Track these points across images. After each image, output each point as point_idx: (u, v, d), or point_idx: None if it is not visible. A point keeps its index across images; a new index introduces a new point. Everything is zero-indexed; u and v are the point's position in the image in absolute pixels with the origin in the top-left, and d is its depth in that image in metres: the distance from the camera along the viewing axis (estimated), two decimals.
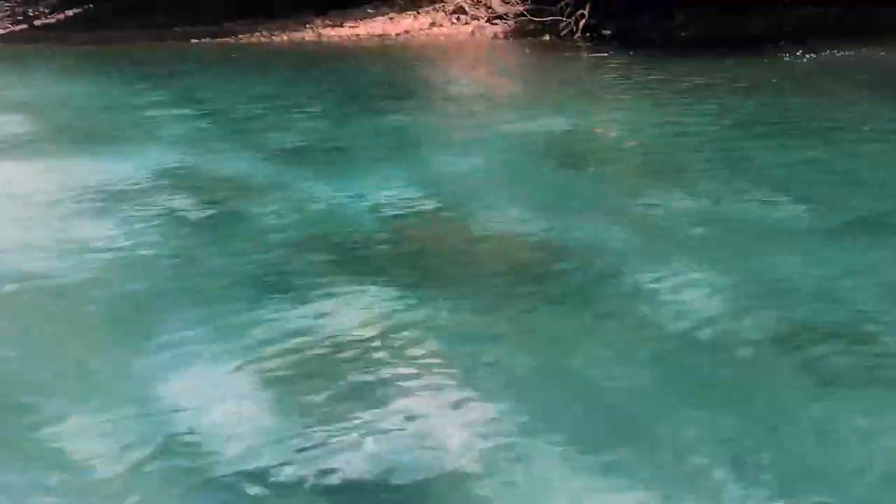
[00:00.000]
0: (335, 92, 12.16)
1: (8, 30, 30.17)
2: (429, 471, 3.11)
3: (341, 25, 22.63)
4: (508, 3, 21.22)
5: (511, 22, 20.29)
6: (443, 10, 22.44)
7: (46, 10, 30.93)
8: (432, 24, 21.61)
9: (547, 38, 18.26)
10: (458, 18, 21.76)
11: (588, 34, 17.56)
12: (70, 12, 29.99)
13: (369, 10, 23.21)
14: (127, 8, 26.86)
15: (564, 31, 17.99)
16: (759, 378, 3.74)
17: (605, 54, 14.30)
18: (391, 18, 22.88)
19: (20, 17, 31.15)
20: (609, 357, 3.93)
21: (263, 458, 3.21)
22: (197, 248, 5.54)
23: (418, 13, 22.67)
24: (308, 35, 22.32)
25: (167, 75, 15.14)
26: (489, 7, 21.51)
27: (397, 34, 21.37)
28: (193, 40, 22.86)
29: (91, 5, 29.32)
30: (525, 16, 19.72)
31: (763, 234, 5.37)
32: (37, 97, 13.26)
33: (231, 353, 3.99)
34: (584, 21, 18.01)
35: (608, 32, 17.43)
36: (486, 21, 20.85)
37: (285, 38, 22.45)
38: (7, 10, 31.38)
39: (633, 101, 10.16)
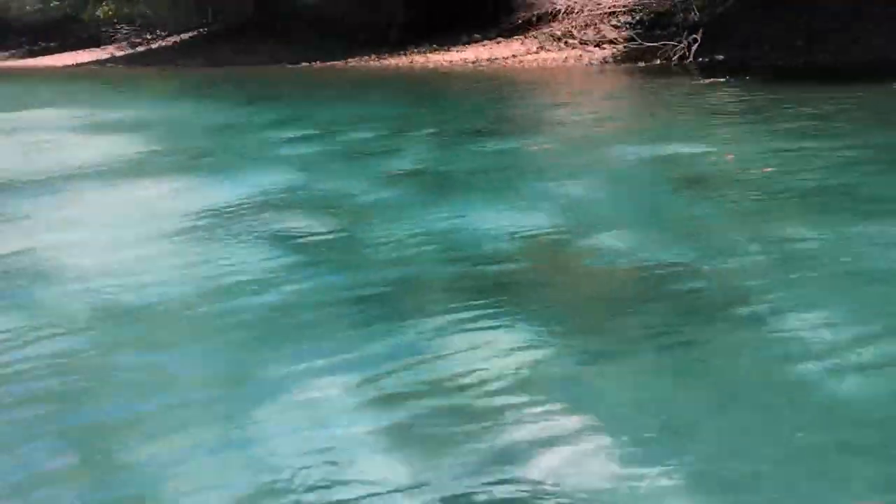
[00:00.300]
0: (445, 115, 12.15)
1: (126, 52, 31.42)
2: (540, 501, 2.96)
3: (447, 50, 22.76)
4: (617, 27, 20.98)
5: (619, 46, 20.05)
6: (550, 35, 22.33)
7: (162, 35, 32.14)
8: (539, 49, 21.51)
9: (657, 62, 17.96)
10: (565, 43, 21.62)
11: (700, 59, 17.20)
12: (185, 36, 31.08)
13: (476, 35, 23.28)
14: (236, 35, 27.70)
15: (675, 57, 17.67)
16: (886, 422, 3.46)
17: (721, 80, 13.92)
18: (498, 43, 22.89)
19: (138, 41, 32.41)
20: (727, 392, 3.70)
21: (377, 486, 3.09)
22: (311, 269, 5.48)
23: (525, 37, 22.62)
24: (415, 59, 22.52)
25: (275, 98, 15.43)
26: (597, 31, 21.30)
27: (504, 58, 21.35)
28: (303, 64, 23.37)
29: (203, 31, 30.33)
30: (634, 40, 19.46)
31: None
32: (153, 117, 13.67)
33: (344, 378, 3.88)
34: (693, 46, 17.65)
35: (721, 58, 17.03)
36: (594, 46, 20.65)
37: (391, 62, 22.71)
38: (126, 34, 32.71)
39: (751, 127, 9.84)
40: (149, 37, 32.20)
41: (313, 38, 24.89)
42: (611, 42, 20.64)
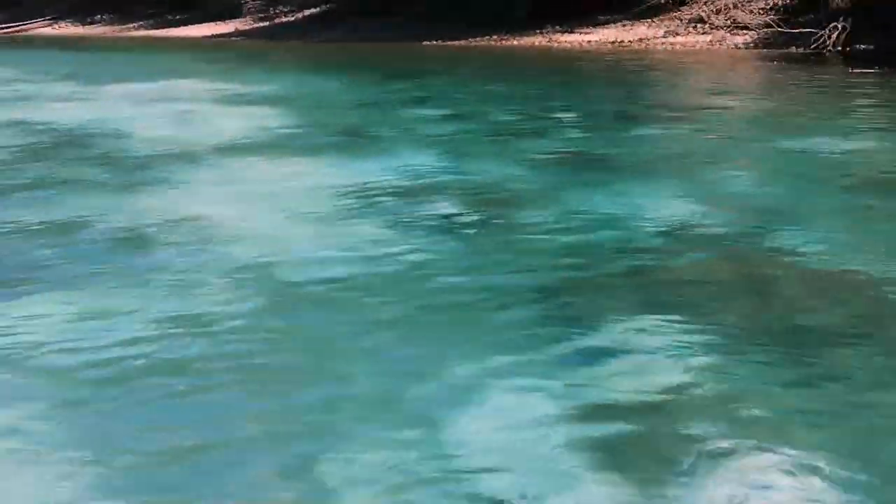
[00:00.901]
0: (582, 98, 11.90)
1: (252, 26, 31.91)
2: None
3: (572, 32, 22.35)
4: (752, 13, 20.25)
5: (754, 32, 19.34)
6: (679, 19, 21.71)
7: (286, 10, 32.51)
8: (668, 33, 20.93)
9: (795, 50, 17.24)
10: (695, 27, 20.99)
11: (844, 48, 16.42)
12: (308, 12, 31.37)
13: (601, 18, 22.80)
14: (358, 11, 27.79)
15: (816, 44, 16.90)
16: None
17: (871, 70, 13.23)
18: (623, 26, 22.36)
19: (262, 15, 32.88)
20: None
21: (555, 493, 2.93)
22: (468, 255, 5.33)
23: (652, 21, 22.04)
24: (539, 40, 22.18)
25: (409, 76, 15.35)
26: (729, 17, 20.61)
27: (630, 42, 20.86)
28: (426, 42, 23.28)
29: (326, 7, 30.55)
30: (772, 26, 18.73)
31: None
32: (290, 92, 13.75)
33: (508, 381, 3.66)
34: (837, 33, 16.85)
35: (864, 47, 16.23)
36: (727, 31, 19.99)
37: (516, 42, 22.42)
38: (251, 8, 33.23)
39: None
40: (273, 12, 32.63)
41: (435, 17, 24.78)
42: (745, 28, 19.93)
